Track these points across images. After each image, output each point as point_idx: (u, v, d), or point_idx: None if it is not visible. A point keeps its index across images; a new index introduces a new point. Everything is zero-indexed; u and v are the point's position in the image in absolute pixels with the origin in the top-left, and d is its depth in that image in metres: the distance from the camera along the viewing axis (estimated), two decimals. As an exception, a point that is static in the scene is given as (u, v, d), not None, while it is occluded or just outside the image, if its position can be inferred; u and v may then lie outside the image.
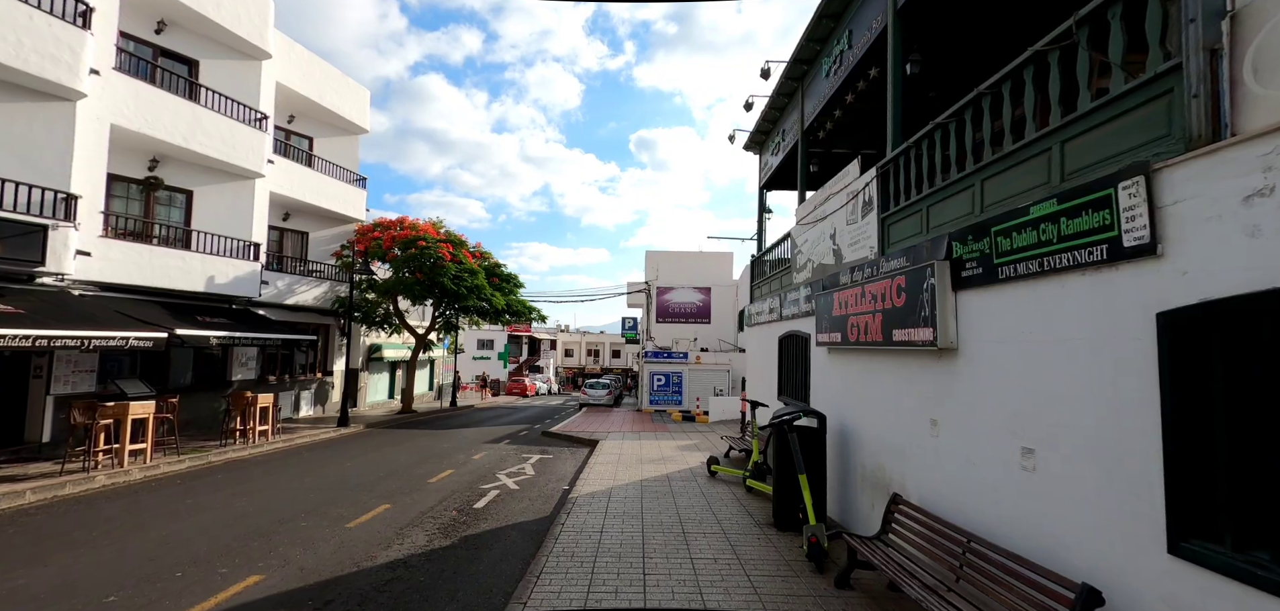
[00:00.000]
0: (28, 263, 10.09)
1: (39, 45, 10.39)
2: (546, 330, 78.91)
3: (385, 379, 27.47)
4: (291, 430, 16.20)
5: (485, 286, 20.68)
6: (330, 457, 12.48)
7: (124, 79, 12.91)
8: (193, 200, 15.43)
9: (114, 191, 13.92)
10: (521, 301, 24.37)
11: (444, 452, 13.39)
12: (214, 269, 14.98)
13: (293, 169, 19.17)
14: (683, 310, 34.02)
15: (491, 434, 17.45)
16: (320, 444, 14.69)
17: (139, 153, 14.15)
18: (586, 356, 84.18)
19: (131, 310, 12.42)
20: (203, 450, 12.17)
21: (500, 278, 23.26)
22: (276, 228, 19.89)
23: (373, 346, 25.31)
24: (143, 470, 10.09)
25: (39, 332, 9.19)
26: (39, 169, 10.79)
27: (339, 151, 22.05)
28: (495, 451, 13.78)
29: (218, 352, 16.62)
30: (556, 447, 14.88)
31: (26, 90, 10.72)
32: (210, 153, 14.89)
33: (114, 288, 12.88)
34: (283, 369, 19.66)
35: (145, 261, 13.34)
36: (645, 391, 28.50)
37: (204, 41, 15.61)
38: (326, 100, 20.62)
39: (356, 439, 15.69)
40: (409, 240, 19.53)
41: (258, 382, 17.95)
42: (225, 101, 15.50)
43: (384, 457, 12.57)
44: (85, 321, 10.50)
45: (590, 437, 15.89)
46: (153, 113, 13.49)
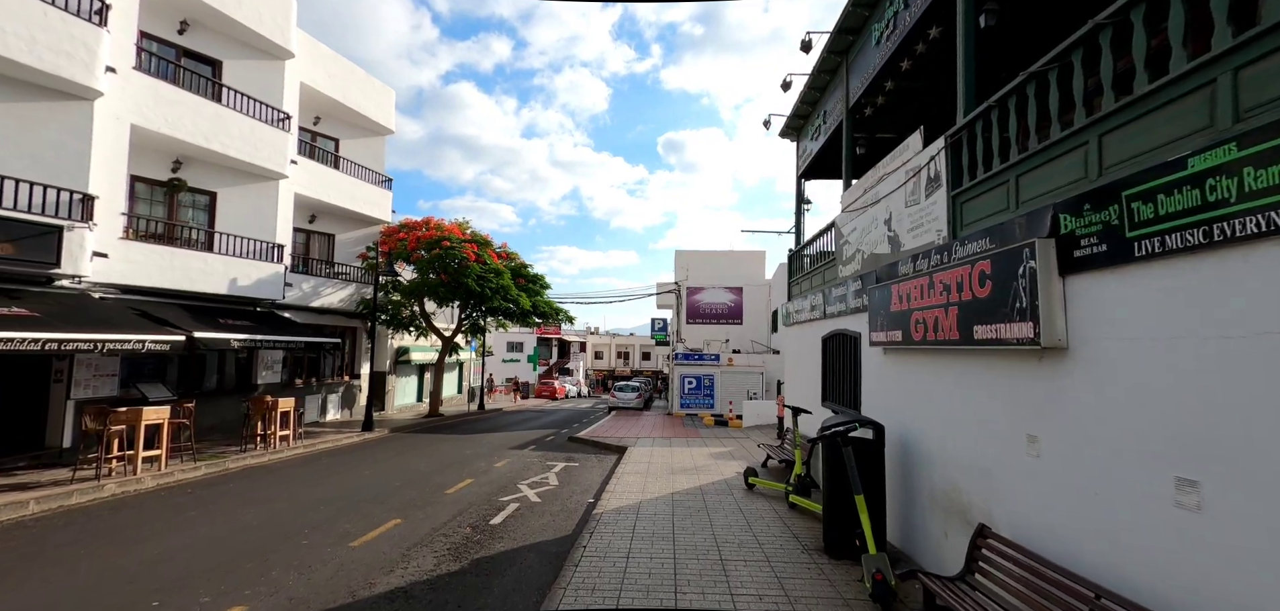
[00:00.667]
0: (42, 264, 9.84)
1: (54, 42, 10.15)
2: (576, 333, 78.69)
3: (413, 382, 27.27)
4: (315, 435, 15.87)
5: (511, 287, 20.14)
6: (349, 464, 12.00)
7: (144, 78, 12.70)
8: (216, 202, 15.24)
9: (138, 194, 13.78)
10: (548, 303, 23.81)
11: (466, 459, 12.79)
12: (237, 270, 14.73)
13: (318, 170, 18.96)
14: (713, 311, 33.05)
15: (517, 439, 16.84)
16: (342, 449, 14.27)
17: (162, 154, 13.97)
18: (616, 359, 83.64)
19: (152, 313, 12.16)
20: (222, 456, 11.82)
21: (526, 278, 22.72)
22: (302, 230, 19.74)
23: (400, 349, 25.09)
24: (156, 478, 9.71)
25: (50, 335, 8.87)
26: (56, 170, 10.56)
27: (365, 152, 21.84)
28: (519, 458, 13.12)
29: (242, 356, 16.44)
30: (583, 454, 14.15)
31: (43, 89, 10.51)
32: (233, 153, 14.65)
33: (136, 290, 12.67)
34: (309, 372, 19.46)
35: (167, 263, 13.12)
36: (676, 394, 27.65)
37: (227, 41, 15.41)
38: (351, 100, 20.39)
39: (379, 444, 15.25)
40: (433, 241, 19.12)
41: (283, 386, 17.74)
42: (248, 101, 15.28)
43: (403, 465, 12.03)
44: (101, 324, 10.20)
45: (618, 444, 15.12)
46: (174, 112, 13.27)
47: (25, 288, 10.32)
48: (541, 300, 23.14)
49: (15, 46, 9.65)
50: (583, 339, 79.39)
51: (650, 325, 36.17)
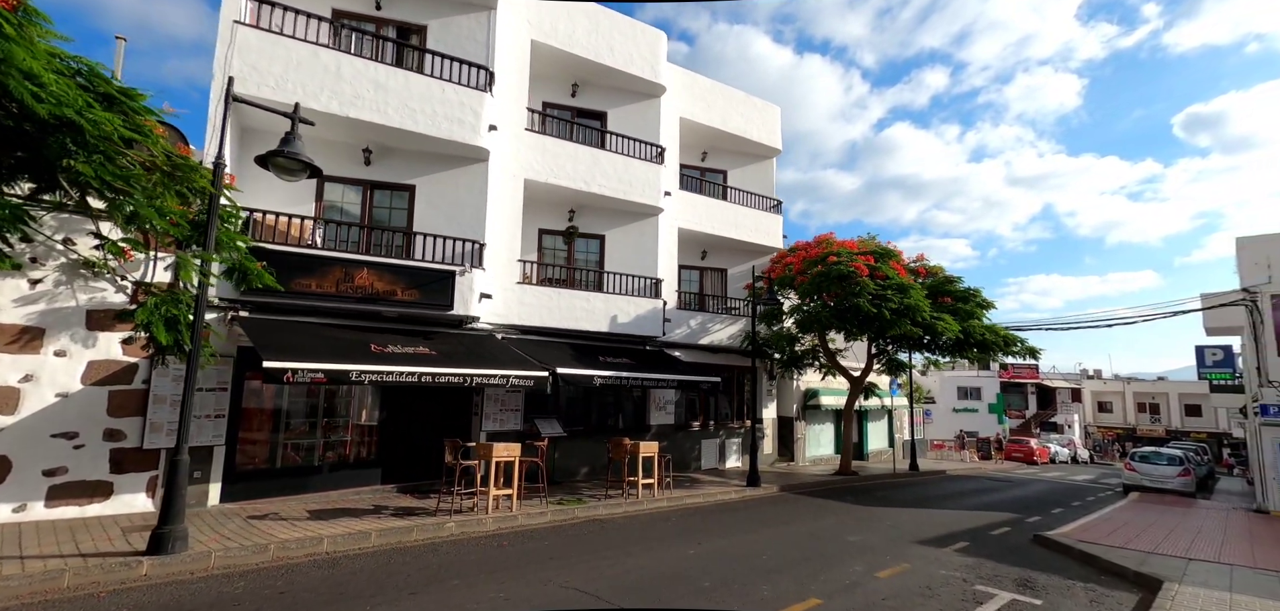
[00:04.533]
0: (440, 305, 10.99)
1: (449, 112, 11.60)
2: (1064, 377, 60.48)
3: (828, 430, 23.75)
4: (693, 485, 14.24)
5: (921, 306, 14.64)
6: (684, 535, 9.49)
7: (533, 136, 13.92)
8: (605, 244, 15.80)
9: (544, 243, 15.28)
10: (991, 328, 16.84)
11: (834, 553, 8.57)
12: (616, 308, 14.67)
13: (699, 201, 18.23)
14: (1350, 330, 18.15)
15: (942, 525, 11.32)
16: (709, 508, 12.01)
17: (558, 204, 15.20)
18: (1135, 411, 60.04)
19: (537, 352, 12.71)
20: (578, 501, 11.07)
21: (954, 297, 16.58)
22: (693, 267, 19.29)
23: (809, 391, 22.11)
24: (499, 520, 9.25)
25: (413, 370, 9.48)
26: (461, 224, 12.00)
27: (753, 178, 20.36)
28: (925, 567, 8.07)
29: (636, 393, 16.42)
30: (1057, 579, 7.89)
31: (446, 158, 12.19)
32: (608, 193, 14.89)
33: (532, 330, 13.65)
34: (706, 414, 18.48)
35: (554, 304, 13.82)
36: (1271, 475, 15.65)
37: (607, 92, 16.15)
38: (732, 126, 19.24)
39: (751, 507, 12.40)
40: (818, 258, 15.63)
41: (676, 428, 17.06)
42: (621, 141, 15.48)
43: (742, 547, 8.74)
44: (478, 360, 10.77)
45: (1144, 572, 8.03)
46: (556, 163, 14.16)
47: (438, 329, 11.86)
48: (977, 325, 16.46)
49: (422, 121, 11.28)
50: (1076, 384, 60.32)
51: (1197, 360, 22.75)
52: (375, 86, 10.88)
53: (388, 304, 10.51)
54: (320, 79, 10.35)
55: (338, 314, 10.69)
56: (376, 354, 9.69)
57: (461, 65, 12.00)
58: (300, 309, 10.16)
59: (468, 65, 12.06)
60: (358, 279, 10.14)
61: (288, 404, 10.65)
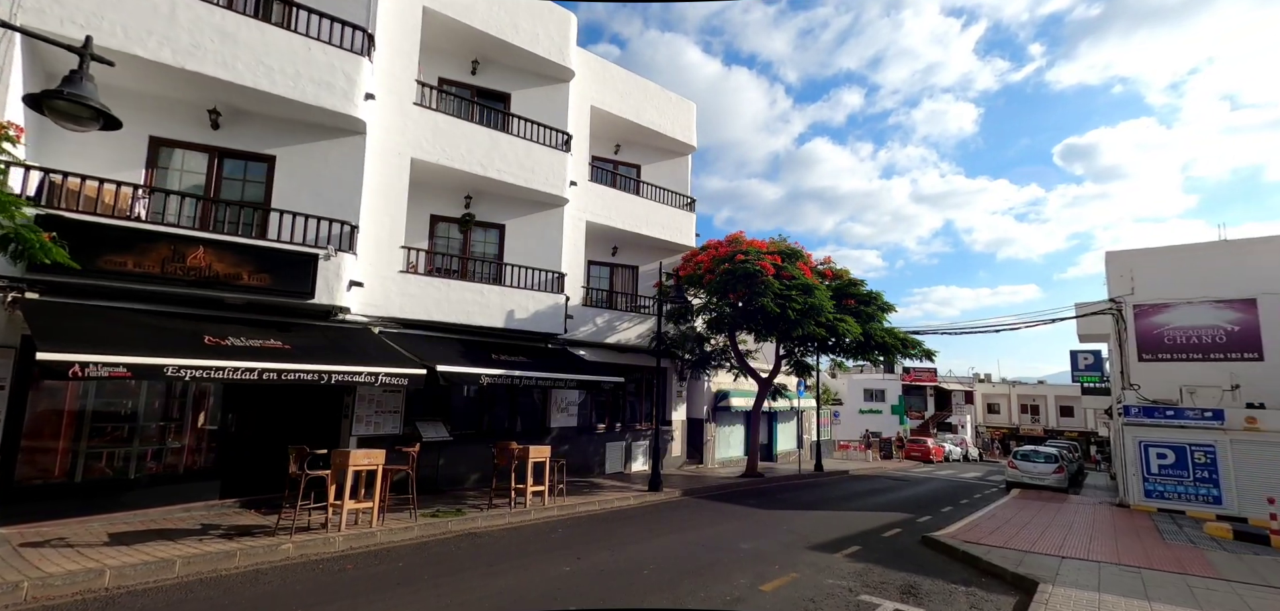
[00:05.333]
0: (298, 293, 9.63)
1: (317, 74, 10.24)
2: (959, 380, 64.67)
3: (739, 431, 23.68)
4: (590, 491, 13.50)
5: (825, 306, 14.67)
6: (567, 547, 8.72)
7: (423, 112, 12.71)
8: (505, 234, 14.77)
9: (437, 231, 14.06)
10: (890, 331, 17.23)
11: (721, 565, 8.09)
12: (514, 303, 13.68)
13: (613, 196, 17.54)
14: (1194, 340, 20.11)
15: (836, 527, 11.18)
16: (601, 516, 11.32)
17: (454, 189, 14.04)
18: (1019, 412, 65.20)
19: (419, 347, 11.54)
20: (456, 513, 10.04)
21: (857, 299, 16.81)
22: (604, 263, 18.59)
23: (720, 393, 21.95)
24: (350, 538, 8.09)
25: (267, 365, 8.17)
26: (329, 202, 10.64)
27: (668, 175, 19.93)
28: (810, 580, 7.70)
29: (537, 396, 15.49)
30: (940, 582, 7.75)
31: (314, 127, 10.81)
32: (508, 179, 13.88)
33: (417, 325, 12.43)
34: (612, 416, 17.80)
35: (443, 297, 12.65)
36: (1133, 472, 16.90)
37: (511, 72, 15.13)
38: (647, 119, 18.71)
39: (648, 514, 11.81)
40: (727, 256, 15.34)
41: (579, 431, 16.27)
42: (527, 125, 14.52)
43: (626, 560, 8.10)
44: (343, 356, 9.52)
45: (1021, 573, 8.05)
46: (450, 143, 13.01)
47: (301, 321, 10.46)
48: (878, 328, 16.78)
49: (280, 83, 9.87)
50: (969, 387, 64.60)
51: (1071, 364, 24.57)
52: (221, 36, 9.38)
53: (230, 289, 9.05)
54: (146, 19, 8.75)
55: (170, 299, 9.12)
56: (211, 347, 8.28)
57: (335, 24, 10.66)
58: (116, 292, 8.54)
59: (343, 24, 10.73)
60: (191, 258, 8.64)
61: (97, 405, 8.94)
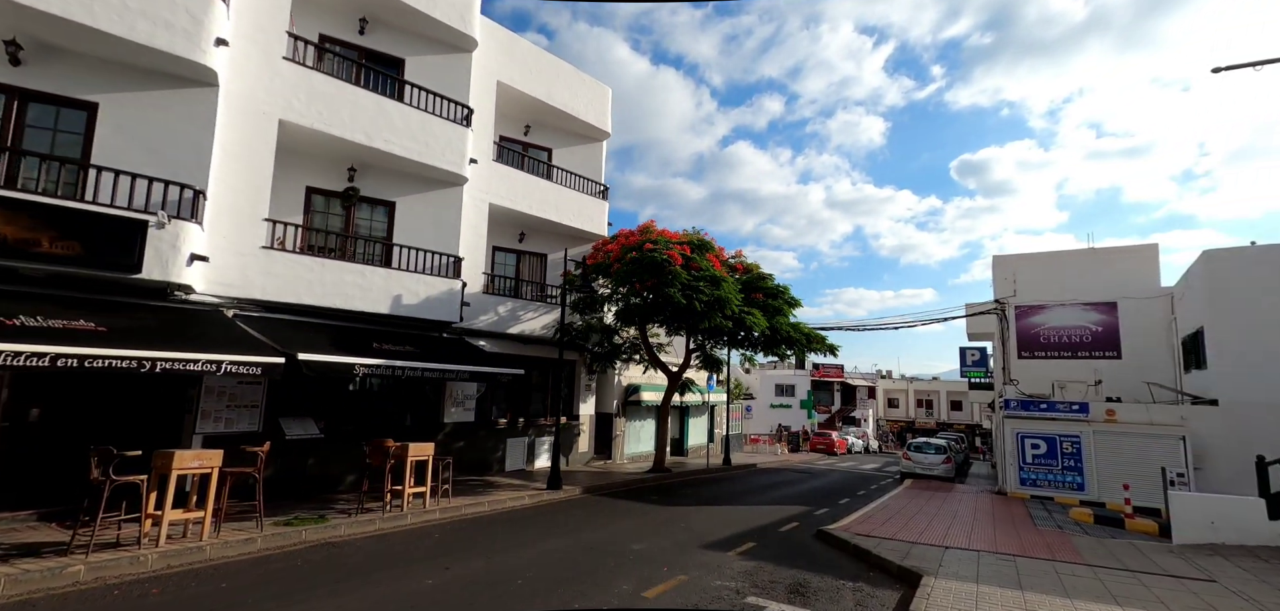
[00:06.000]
0: (120, 265, 8.15)
1: (152, 10, 8.73)
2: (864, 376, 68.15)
3: (650, 426, 23.37)
4: (484, 490, 12.61)
5: (733, 299, 14.50)
6: (439, 556, 7.88)
7: (294, 70, 11.30)
8: (395, 213, 13.53)
9: (314, 204, 12.64)
10: (796, 326, 17.41)
11: (607, 570, 7.55)
12: (402, 287, 12.52)
13: (520, 179, 16.60)
14: (1065, 339, 21.90)
15: (734, 524, 10.96)
16: (489, 519, 10.49)
17: (336, 159, 12.68)
18: (915, 407, 69.76)
19: (283, 333, 10.22)
20: (316, 520, 8.90)
21: (765, 293, 16.84)
22: (510, 249, 17.62)
23: (631, 387, 21.51)
24: (171, 555, 6.85)
25: (62, 351, 6.74)
26: (169, 163, 9.14)
27: (581, 160, 19.20)
28: (699, 581, 7.31)
29: (429, 389, 14.35)
30: (829, 579, 7.58)
31: (150, 73, 9.27)
32: (398, 152, 12.69)
33: (283, 307, 11.05)
34: (515, 410, 16.89)
35: (317, 278, 11.33)
36: (1010, 463, 18.01)
37: (406, 36, 13.87)
38: (558, 101, 17.89)
39: (543, 514, 11.11)
40: (635, 245, 14.85)
41: (477, 427, 15.28)
42: (422, 94, 13.35)
43: (502, 568, 7.39)
44: (178, 340, 8.14)
45: (906, 566, 8.03)
46: (329, 107, 11.67)
47: (128, 299, 8.92)
48: (785, 322, 16.89)
49: (103, 16, 8.31)
50: (872, 383, 68.23)
51: (960, 360, 26.15)
52: (16, -49, 7.75)
53: (25, 258, 7.48)
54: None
55: (-58, 268, 7.43)
56: (-10, 326, 6.75)
57: (179, -45, 9.15)
58: None
59: (190, -43, 9.24)
60: (-35, 217, 7.04)
61: None
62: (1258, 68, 4.57)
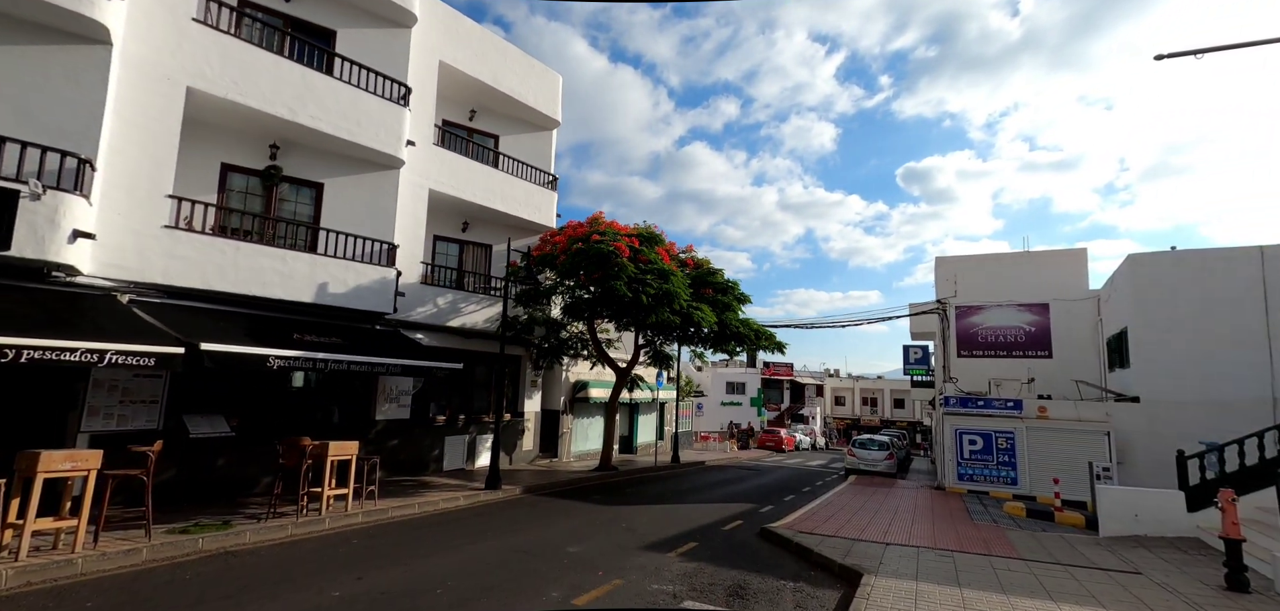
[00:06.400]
0: (-18, 242, 7.15)
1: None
2: (812, 375, 69.57)
3: (598, 423, 22.90)
4: (418, 491, 11.93)
5: (681, 293, 14.24)
6: (353, 565, 7.26)
7: (206, 33, 10.33)
8: (323, 195, 12.64)
9: (232, 183, 11.64)
10: (746, 322, 17.33)
11: (537, 575, 7.12)
12: (328, 275, 11.68)
13: (464, 165, 15.86)
14: (1000, 338, 22.74)
15: (678, 524, 10.67)
16: (417, 522, 9.86)
17: (257, 134, 11.72)
18: (861, 405, 71.70)
19: (187, 321, 9.30)
20: (217, 527, 8.09)
21: (714, 288, 16.67)
22: (453, 239, 16.86)
23: (579, 383, 21.01)
24: (27, 571, 6.00)
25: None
26: (49, 128, 8.13)
27: (529, 149, 18.53)
28: (635, 585, 6.97)
29: (359, 385, 13.51)
30: (770, 580, 7.36)
31: (29, 26, 8.24)
32: (330, 129, 11.85)
33: (190, 294, 10.09)
34: (458, 407, 16.16)
35: (229, 262, 10.39)
36: (948, 458, 18.46)
37: (339, 6, 12.98)
38: (506, 86, 17.21)
39: (478, 516, 10.54)
40: (583, 236, 14.39)
41: (413, 424, 14.51)
42: (355, 69, 12.50)
43: (421, 576, 6.85)
44: (52, 327, 7.21)
45: (847, 564, 7.89)
46: (246, 76, 10.73)
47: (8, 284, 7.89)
48: (735, 318, 16.78)
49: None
50: (820, 381, 69.74)
51: (903, 358, 26.80)
52: None
53: None
54: None
55: None
56: None
57: (65, -105, 8.15)
58: None
59: (78, -102, 8.24)
60: None
61: None
62: (1198, 56, 4.58)
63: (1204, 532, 9.92)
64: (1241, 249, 15.13)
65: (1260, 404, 14.25)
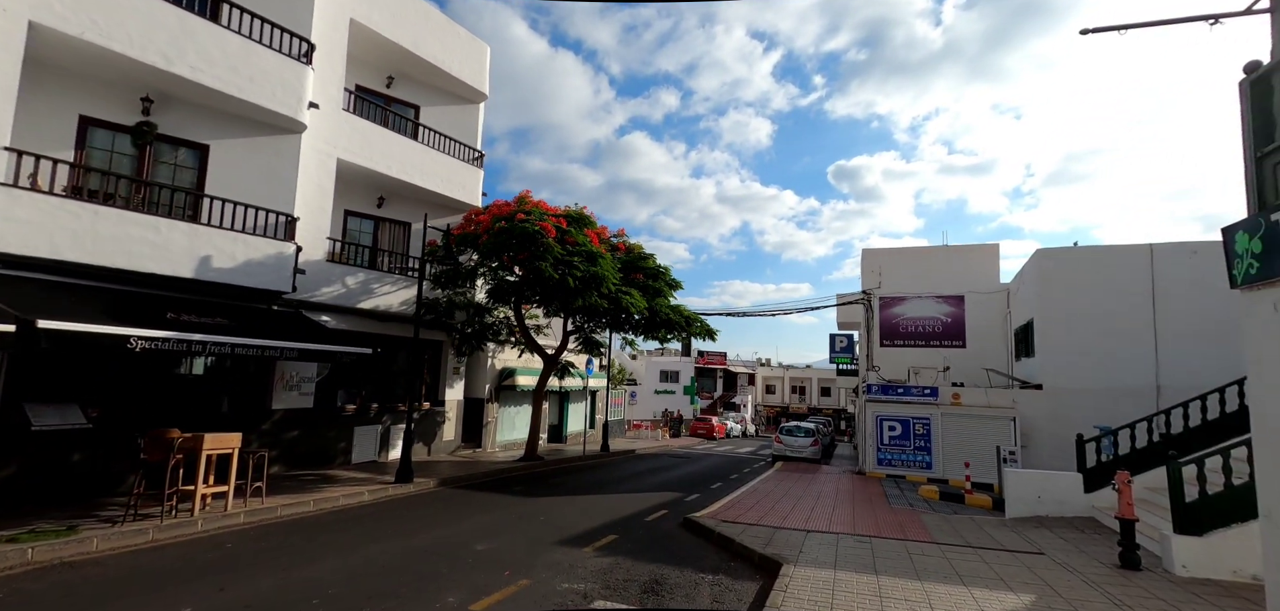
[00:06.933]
0: None
1: None
2: (745, 364, 70.95)
3: (526, 412, 22.20)
4: (318, 486, 10.94)
5: (609, 277, 13.78)
6: (212, 574, 6.40)
7: (56, -39, 8.89)
8: (209, 158, 11.30)
9: (93, 140, 10.16)
10: (676, 309, 17.09)
11: (435, 578, 6.52)
12: (212, 247, 10.43)
13: (379, 135, 14.71)
14: (920, 329, 23.66)
15: (600, 515, 10.25)
16: (309, 521, 8.96)
17: (126, 86, 10.27)
18: (790, 393, 73.86)
19: (28, 297, 7.97)
20: (55, 534, 6.97)
21: (645, 273, 16.31)
22: (367, 215, 15.66)
23: (505, 370, 20.22)
24: None
25: None
26: None
27: (454, 122, 17.46)
28: (543, 584, 6.49)
29: (253, 369, 12.27)
30: (688, 578, 7.05)
31: None
32: (214, 84, 10.55)
33: (30, 263, 8.70)
34: (371, 395, 15.07)
35: (86, 228, 9.04)
36: (869, 444, 18.98)
37: (228, -53, 11.61)
38: (427, 52, 16.07)
39: (381, 512, 9.73)
40: (507, 214, 13.64)
41: (317, 414, 13.38)
42: (247, 18, 11.20)
43: (294, 586, 6.11)
44: None
45: (767, 554, 7.70)
46: (107, 16, 9.32)
47: None
48: (665, 304, 16.50)
49: None
50: (752, 370, 71.22)
51: (830, 346, 27.51)
52: None
53: None
54: None
55: None
56: None
57: None
58: None
59: None
60: None
61: None
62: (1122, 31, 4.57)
63: (1098, 511, 10.47)
64: (1135, 246, 16.21)
65: (1147, 390, 15.35)
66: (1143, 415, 11.74)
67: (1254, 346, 3.71)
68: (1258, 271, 3.74)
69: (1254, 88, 3.91)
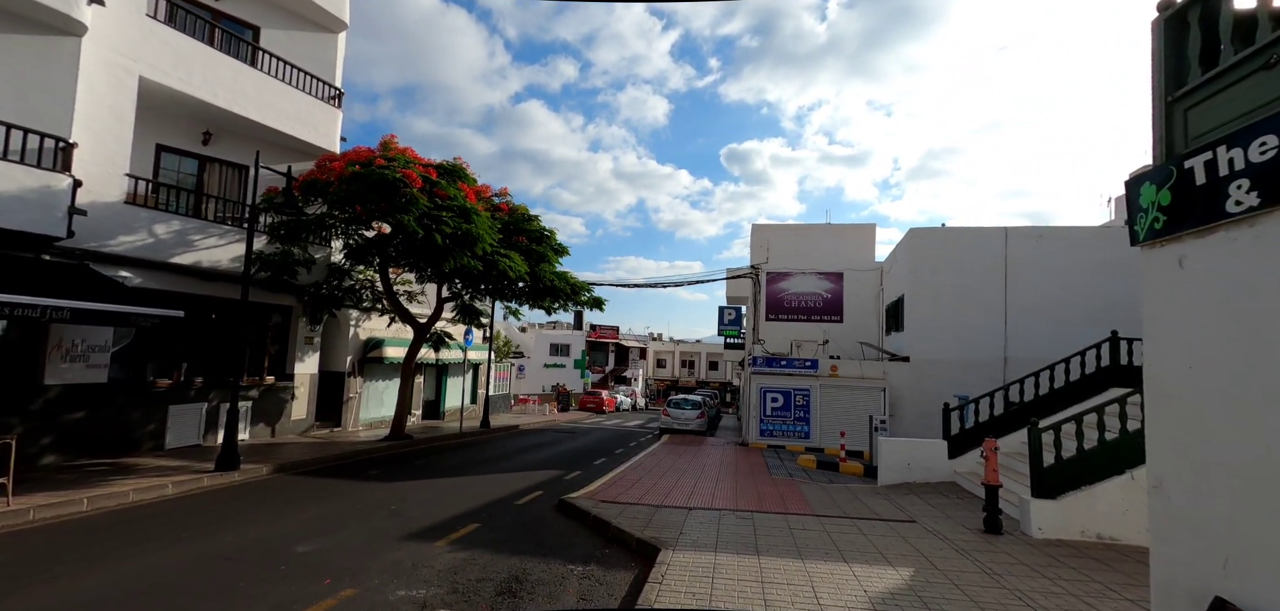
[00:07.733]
0: None
1: None
2: (638, 338, 71.31)
3: (394, 387, 20.20)
4: (111, 476, 8.81)
5: (485, 237, 12.42)
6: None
7: None
8: (-64, 56, 8.54)
9: None
10: (562, 275, 16.06)
11: (239, 588, 5.19)
12: (-63, 171, 7.87)
13: (203, 55, 12.17)
14: (803, 304, 24.42)
15: (463, 500, 9.11)
16: (88, 521, 7.06)
17: None
18: (680, 367, 75.49)
19: None
20: None
21: (528, 236, 15.07)
22: (189, 152, 13.05)
23: (372, 341, 18.17)
24: None
25: None
26: None
27: (307, 52, 14.96)
28: (373, 591, 5.36)
29: (16, 336, 9.67)
30: (555, 571, 6.20)
31: None
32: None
33: None
34: (196, 368, 12.67)
35: None
36: (753, 416, 19.23)
37: None
38: (268, -38, 13.56)
39: (187, 507, 7.95)
40: (364, 160, 11.81)
41: (116, 390, 10.94)
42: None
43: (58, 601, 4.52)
44: None
45: (645, 538, 7.02)
46: None
47: None
48: (550, 270, 15.40)
49: None
50: (644, 345, 71.76)
51: (718, 319, 27.80)
52: None
53: None
54: None
55: None
56: None
57: None
58: None
59: None
60: None
61: None
62: None
63: (960, 477, 10.97)
64: (993, 229, 17.46)
65: (996, 362, 16.65)
66: (993, 386, 12.53)
67: (1153, 305, 3.42)
68: (1163, 226, 3.41)
69: (1167, 25, 3.58)
